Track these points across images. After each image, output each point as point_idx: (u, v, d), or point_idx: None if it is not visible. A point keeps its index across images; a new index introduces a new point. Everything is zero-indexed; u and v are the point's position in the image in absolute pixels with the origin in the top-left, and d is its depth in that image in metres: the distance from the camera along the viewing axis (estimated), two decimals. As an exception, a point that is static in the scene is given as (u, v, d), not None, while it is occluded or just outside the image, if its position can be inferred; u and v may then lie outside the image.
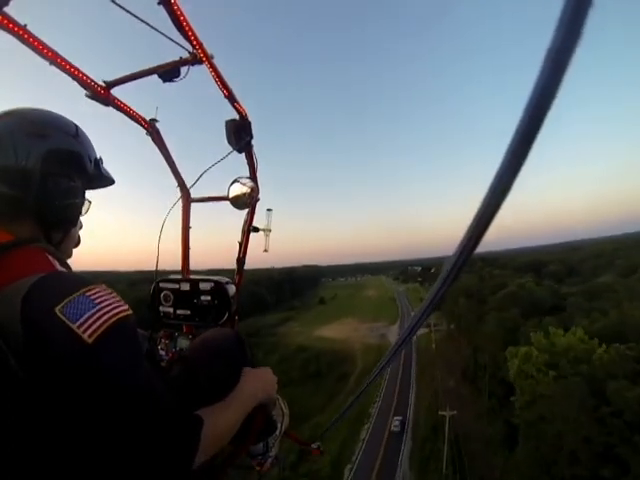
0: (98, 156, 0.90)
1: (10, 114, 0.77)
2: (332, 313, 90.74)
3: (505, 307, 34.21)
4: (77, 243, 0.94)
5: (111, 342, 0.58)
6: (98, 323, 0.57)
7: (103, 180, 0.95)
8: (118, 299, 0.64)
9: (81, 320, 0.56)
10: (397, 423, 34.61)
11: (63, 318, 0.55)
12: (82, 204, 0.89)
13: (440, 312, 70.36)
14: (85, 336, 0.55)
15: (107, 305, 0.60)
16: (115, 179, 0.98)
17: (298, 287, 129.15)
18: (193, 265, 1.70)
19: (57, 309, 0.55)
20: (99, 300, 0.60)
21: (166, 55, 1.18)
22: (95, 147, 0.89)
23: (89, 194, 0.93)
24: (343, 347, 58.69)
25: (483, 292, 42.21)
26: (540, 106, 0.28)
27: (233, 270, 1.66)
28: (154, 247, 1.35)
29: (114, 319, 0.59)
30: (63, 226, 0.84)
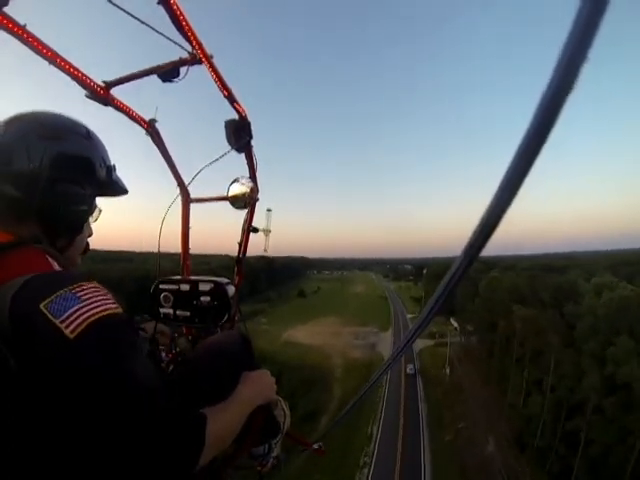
0: (112, 163, 1.08)
1: (22, 117, 0.92)
2: (311, 309, 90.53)
3: (622, 325, 22.36)
4: (85, 250, 1.11)
5: (94, 338, 0.69)
6: (81, 319, 0.68)
7: (114, 189, 1.12)
8: (107, 297, 0.76)
9: (64, 316, 0.67)
10: (411, 367, 42.02)
11: (47, 313, 0.67)
12: (90, 212, 1.05)
13: (443, 317, 57.27)
14: (67, 331, 0.66)
15: (93, 302, 0.72)
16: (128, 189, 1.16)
17: (279, 277, 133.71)
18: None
19: (42, 305, 0.67)
20: (86, 297, 0.72)
21: (166, 55, 1.45)
22: (106, 155, 1.06)
23: (100, 201, 1.10)
24: (317, 361, 50.99)
25: (539, 295, 33.87)
26: (550, 111, 0.34)
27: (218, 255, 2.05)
28: (148, 244, 1.71)
29: (98, 316, 0.71)
30: (68, 233, 1.00)
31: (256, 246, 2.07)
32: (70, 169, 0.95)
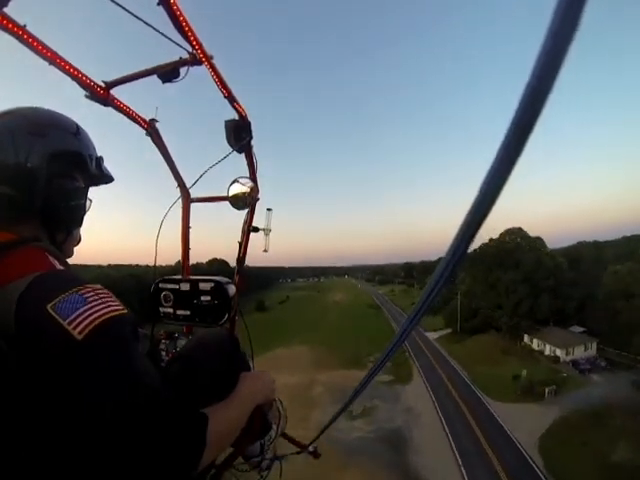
0: (98, 154, 1.11)
1: (10, 113, 0.93)
2: (271, 329, 63.63)
3: None
4: (78, 241, 1.14)
5: (101, 339, 0.70)
6: (89, 320, 0.69)
7: (103, 178, 1.16)
8: (113, 298, 0.78)
9: (72, 317, 0.68)
10: None
11: (54, 315, 0.68)
12: (86, 204, 1.10)
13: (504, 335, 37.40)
14: (75, 333, 0.67)
15: (100, 303, 0.74)
16: (114, 177, 1.20)
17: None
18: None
19: (49, 306, 0.68)
20: (92, 298, 0.73)
21: (166, 55, 1.46)
22: (94, 147, 1.10)
23: (90, 192, 1.13)
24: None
25: None
26: (532, 107, 0.33)
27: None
28: (150, 244, 1.71)
29: (106, 317, 0.72)
30: (68, 227, 1.04)
31: (256, 247, 2.06)
32: (64, 164, 0.97)
